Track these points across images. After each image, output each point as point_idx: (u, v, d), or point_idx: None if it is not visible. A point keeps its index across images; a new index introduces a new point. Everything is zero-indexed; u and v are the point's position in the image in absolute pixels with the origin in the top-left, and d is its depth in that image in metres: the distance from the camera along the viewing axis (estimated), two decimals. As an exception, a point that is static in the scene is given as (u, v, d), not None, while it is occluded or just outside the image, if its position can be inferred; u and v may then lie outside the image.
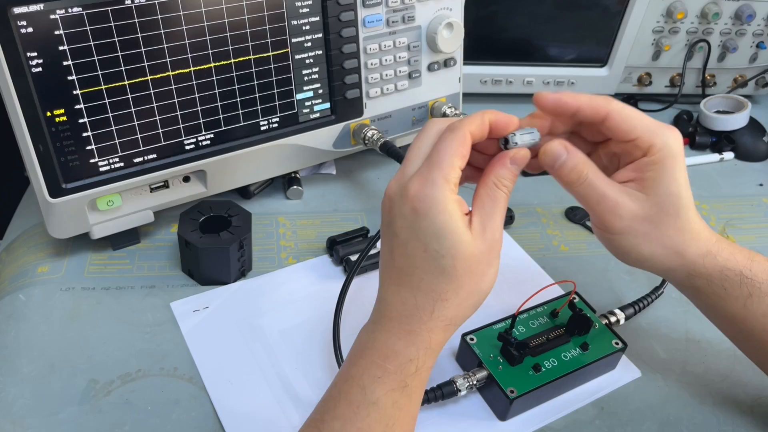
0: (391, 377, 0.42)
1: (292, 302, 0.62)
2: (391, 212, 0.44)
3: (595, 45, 0.91)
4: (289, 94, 0.67)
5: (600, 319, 0.58)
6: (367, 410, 0.41)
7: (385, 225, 0.45)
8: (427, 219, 0.42)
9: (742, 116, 0.88)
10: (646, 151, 0.45)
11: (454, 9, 0.72)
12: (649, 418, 0.54)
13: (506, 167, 0.44)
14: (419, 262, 0.43)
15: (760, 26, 0.90)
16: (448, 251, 0.42)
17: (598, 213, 0.47)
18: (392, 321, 0.44)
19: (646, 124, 0.45)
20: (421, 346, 0.43)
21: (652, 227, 0.46)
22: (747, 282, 0.47)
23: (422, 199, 0.42)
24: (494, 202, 0.44)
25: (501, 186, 0.44)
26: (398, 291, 0.44)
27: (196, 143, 0.64)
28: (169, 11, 0.57)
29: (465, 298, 0.43)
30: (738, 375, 0.58)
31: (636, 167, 0.46)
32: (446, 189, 0.42)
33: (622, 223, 0.46)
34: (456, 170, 0.43)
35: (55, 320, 0.58)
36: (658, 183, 0.45)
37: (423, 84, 0.74)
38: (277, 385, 0.55)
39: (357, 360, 0.44)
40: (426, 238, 0.42)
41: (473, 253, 0.42)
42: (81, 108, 0.57)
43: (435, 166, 0.42)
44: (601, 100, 0.45)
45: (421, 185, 0.42)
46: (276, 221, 0.72)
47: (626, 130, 0.45)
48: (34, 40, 0.53)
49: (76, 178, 0.59)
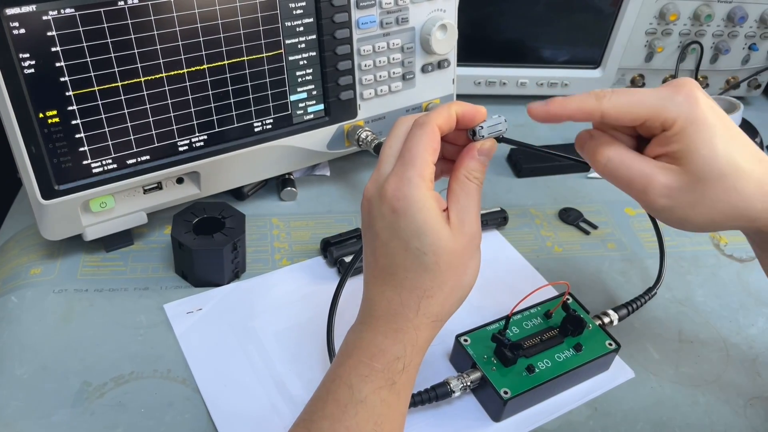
0: (379, 375, 0.42)
1: (286, 304, 0.62)
2: (371, 213, 0.45)
3: (588, 46, 0.92)
4: (282, 95, 0.67)
5: (593, 319, 0.58)
6: (355, 409, 0.41)
7: (365, 226, 0.46)
8: (407, 218, 0.42)
9: (735, 118, 0.88)
10: (663, 127, 0.42)
11: (448, 10, 0.72)
12: (643, 418, 0.54)
13: (475, 159, 0.45)
14: (401, 260, 0.43)
15: (752, 28, 0.90)
16: (430, 248, 0.42)
17: (634, 195, 0.44)
18: (378, 320, 0.44)
19: (649, 104, 0.42)
20: (408, 344, 0.43)
21: (699, 196, 0.42)
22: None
23: (400, 199, 0.42)
24: (467, 194, 0.44)
25: (472, 178, 0.44)
26: (383, 290, 0.44)
27: (189, 144, 0.63)
28: (163, 12, 0.57)
29: (449, 293, 0.44)
30: (730, 376, 0.58)
31: (659, 142, 0.43)
32: (422, 186, 0.42)
33: (660, 200, 0.43)
34: (429, 166, 0.43)
35: (48, 322, 0.58)
36: (687, 153, 0.41)
37: (417, 85, 0.75)
38: (270, 386, 0.55)
39: (344, 359, 0.44)
40: (407, 236, 0.42)
41: (454, 248, 0.43)
42: (74, 109, 0.56)
43: (408, 164, 0.43)
44: (592, 102, 0.43)
45: (397, 185, 0.43)
46: (270, 223, 0.72)
47: (629, 120, 0.43)
48: (26, 41, 0.53)
49: (69, 179, 0.59)
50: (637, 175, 0.43)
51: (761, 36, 0.91)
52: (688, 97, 0.41)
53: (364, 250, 0.46)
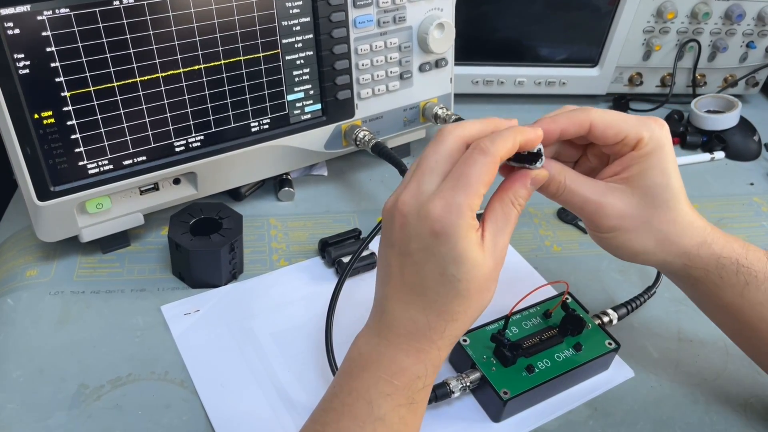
0: (400, 393, 0.42)
1: (284, 305, 0.62)
2: (405, 230, 0.42)
3: (586, 45, 0.91)
4: (279, 95, 0.67)
5: (593, 319, 0.58)
6: (373, 426, 0.41)
7: (394, 240, 0.43)
8: (449, 245, 0.40)
9: (733, 116, 0.88)
10: (634, 146, 0.46)
11: (445, 9, 0.72)
12: (643, 418, 0.54)
13: (526, 188, 0.44)
14: (433, 284, 0.42)
15: (749, 26, 0.90)
16: (465, 276, 0.41)
17: (585, 216, 0.48)
18: (400, 337, 0.43)
19: (631, 123, 0.45)
20: (429, 364, 0.43)
21: (642, 222, 0.46)
22: (743, 270, 0.47)
23: (445, 226, 0.40)
24: (507, 218, 0.43)
25: (516, 204, 0.43)
26: (407, 309, 0.43)
27: (186, 145, 0.63)
28: (158, 12, 0.57)
29: (473, 315, 0.43)
30: (730, 374, 0.58)
31: (622, 162, 0.46)
32: (469, 216, 0.40)
33: (610, 222, 0.47)
34: (480, 198, 0.41)
35: (44, 325, 0.58)
36: (644, 175, 0.46)
37: (414, 84, 0.74)
38: (269, 388, 0.54)
39: (360, 373, 0.43)
40: (444, 262, 0.41)
41: (485, 273, 0.42)
42: (69, 110, 0.56)
43: (461, 190, 0.40)
44: (581, 114, 0.45)
45: (444, 210, 0.40)
46: (267, 223, 0.72)
47: (613, 134, 0.45)
48: (21, 42, 0.52)
49: (65, 180, 0.58)
50: (592, 198, 0.46)
51: (759, 34, 0.91)
52: (661, 127, 0.46)
53: (387, 263, 0.44)
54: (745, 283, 0.47)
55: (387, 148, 0.70)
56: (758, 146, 0.89)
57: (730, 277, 0.47)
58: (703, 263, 0.47)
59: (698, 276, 0.48)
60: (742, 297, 0.48)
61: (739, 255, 0.47)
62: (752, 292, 0.47)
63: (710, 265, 0.47)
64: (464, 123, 0.43)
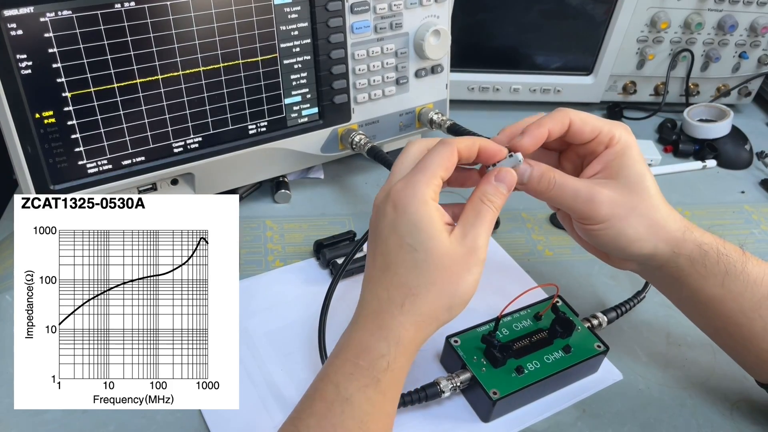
0: (363, 373, 0.43)
1: (279, 304, 0.63)
2: (377, 215, 0.46)
3: (580, 54, 0.93)
4: (277, 98, 0.68)
5: (582, 322, 0.59)
6: (341, 407, 0.42)
7: (371, 229, 0.47)
8: (406, 214, 0.44)
9: (725, 125, 0.90)
10: (607, 144, 0.50)
11: (442, 16, 0.73)
12: (630, 420, 0.55)
13: (491, 183, 0.47)
14: (394, 257, 0.44)
15: (742, 36, 0.91)
16: (421, 245, 0.43)
17: (578, 208, 0.49)
18: (367, 318, 0.45)
19: (604, 121, 0.50)
20: (392, 341, 0.43)
21: (631, 209, 0.49)
22: (723, 259, 0.49)
23: (402, 198, 0.44)
24: (477, 214, 0.46)
25: (486, 201, 0.46)
26: (374, 289, 0.45)
27: (184, 146, 0.64)
28: (159, 15, 0.58)
29: (437, 295, 0.44)
30: (717, 378, 0.59)
31: (601, 159, 0.50)
32: (426, 192, 0.44)
33: (603, 209, 0.49)
34: (438, 178, 0.45)
35: (42, 321, 0.58)
36: (624, 166, 0.49)
37: (410, 90, 0.75)
38: (262, 386, 0.55)
39: (333, 359, 0.45)
40: (402, 232, 0.44)
41: (447, 251, 0.44)
42: (70, 110, 0.57)
43: (419, 171, 0.45)
44: (561, 114, 0.49)
45: (403, 185, 0.45)
46: (263, 224, 0.72)
47: (589, 130, 0.49)
48: (23, 43, 0.53)
49: (65, 179, 0.59)
50: (582, 188, 0.49)
51: (751, 44, 0.92)
52: (626, 130, 0.50)
53: (367, 259, 0.47)
54: (725, 272, 0.49)
55: (382, 152, 0.71)
56: (750, 155, 0.90)
57: (713, 266, 0.49)
58: (688, 249, 0.49)
59: (684, 266, 0.50)
60: (722, 287, 0.49)
61: (718, 243, 0.50)
62: (732, 282, 0.49)
63: (695, 252, 0.49)
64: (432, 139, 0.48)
